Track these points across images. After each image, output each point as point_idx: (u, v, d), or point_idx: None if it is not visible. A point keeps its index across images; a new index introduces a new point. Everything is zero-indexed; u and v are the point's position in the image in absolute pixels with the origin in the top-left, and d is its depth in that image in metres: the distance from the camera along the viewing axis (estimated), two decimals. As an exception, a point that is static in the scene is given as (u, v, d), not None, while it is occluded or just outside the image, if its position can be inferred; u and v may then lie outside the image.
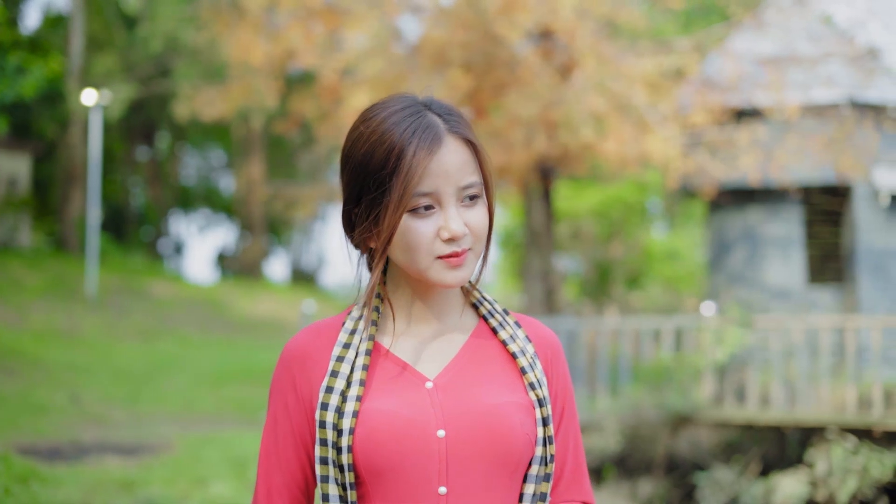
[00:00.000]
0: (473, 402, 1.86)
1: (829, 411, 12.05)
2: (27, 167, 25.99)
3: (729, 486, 11.85)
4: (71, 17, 26.08)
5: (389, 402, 1.84)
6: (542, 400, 1.91)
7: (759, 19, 14.36)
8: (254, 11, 13.74)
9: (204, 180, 41.69)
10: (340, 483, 1.84)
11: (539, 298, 14.82)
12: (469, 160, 1.87)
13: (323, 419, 1.84)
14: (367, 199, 1.85)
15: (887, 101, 14.72)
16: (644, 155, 13.44)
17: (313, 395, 1.89)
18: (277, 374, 1.95)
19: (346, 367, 1.87)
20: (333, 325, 1.96)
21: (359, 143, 1.87)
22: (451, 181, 1.84)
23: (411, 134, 1.83)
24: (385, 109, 1.88)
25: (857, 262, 14.99)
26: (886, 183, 14.71)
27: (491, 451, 1.84)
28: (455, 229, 1.83)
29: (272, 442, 1.94)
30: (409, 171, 1.80)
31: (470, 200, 1.87)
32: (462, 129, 1.89)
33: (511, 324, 1.99)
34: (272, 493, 1.93)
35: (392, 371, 1.89)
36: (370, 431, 1.81)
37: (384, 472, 1.81)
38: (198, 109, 15.18)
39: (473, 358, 1.93)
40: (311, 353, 1.92)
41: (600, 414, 12.36)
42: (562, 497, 1.98)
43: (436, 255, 1.84)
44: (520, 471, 1.88)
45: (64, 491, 7.30)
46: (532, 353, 1.96)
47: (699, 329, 12.90)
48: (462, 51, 13.07)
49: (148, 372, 15.03)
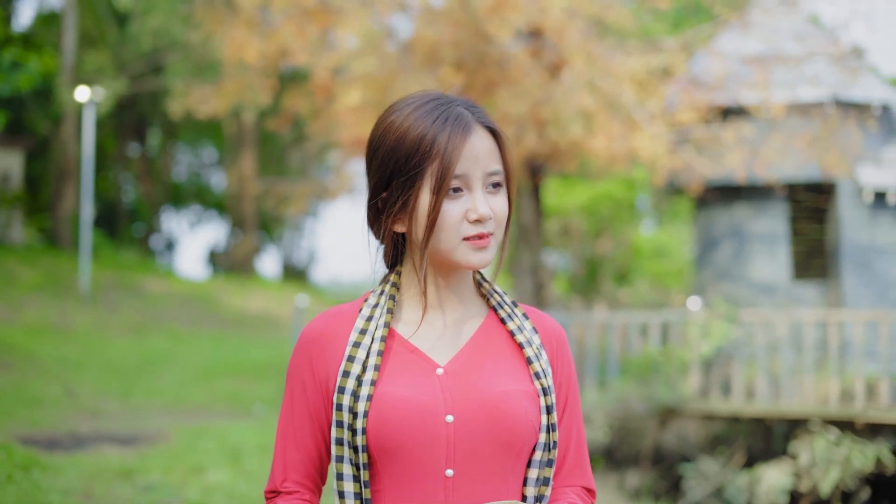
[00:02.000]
0: (481, 389, 1.94)
1: (812, 404, 12.28)
2: (20, 163, 26.06)
3: (714, 477, 12.06)
4: (63, 14, 26.16)
5: (402, 387, 1.92)
6: (547, 389, 1.99)
7: (745, 19, 14.56)
8: (248, 10, 13.89)
9: (195, 177, 41.75)
10: (354, 463, 1.92)
11: (528, 294, 15.00)
12: (494, 149, 1.98)
13: (339, 402, 1.93)
14: (399, 182, 1.94)
15: (871, 99, 14.95)
16: (632, 152, 13.62)
17: (329, 376, 1.98)
18: (295, 356, 2.04)
19: (362, 353, 1.96)
20: (350, 311, 2.05)
21: (390, 131, 1.96)
22: (480, 166, 1.94)
23: (444, 121, 1.94)
24: (413, 102, 1.99)
25: (842, 258, 15.21)
26: (870, 180, 14.94)
27: (496, 436, 1.92)
28: (483, 211, 1.93)
29: (289, 420, 2.03)
30: (446, 153, 1.91)
31: (493, 188, 1.97)
32: (488, 120, 2.00)
33: (519, 315, 2.08)
34: (287, 468, 2.02)
35: (405, 357, 1.98)
36: (382, 414, 1.89)
37: (394, 453, 1.90)
38: (192, 106, 15.32)
39: (483, 347, 2.02)
40: (328, 336, 2.01)
41: (588, 407, 12.56)
42: (564, 482, 2.07)
43: (462, 237, 1.93)
44: (524, 456, 1.97)
45: (65, 478, 7.45)
46: (538, 343, 2.05)
47: (685, 323, 13.11)
48: (453, 49, 13.23)
49: (141, 366, 15.16)
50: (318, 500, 2.05)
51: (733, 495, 11.92)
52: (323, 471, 2.04)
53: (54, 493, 6.86)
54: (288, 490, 2.01)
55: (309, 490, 2.02)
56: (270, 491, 2.03)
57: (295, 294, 21.40)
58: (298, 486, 2.01)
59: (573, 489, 2.06)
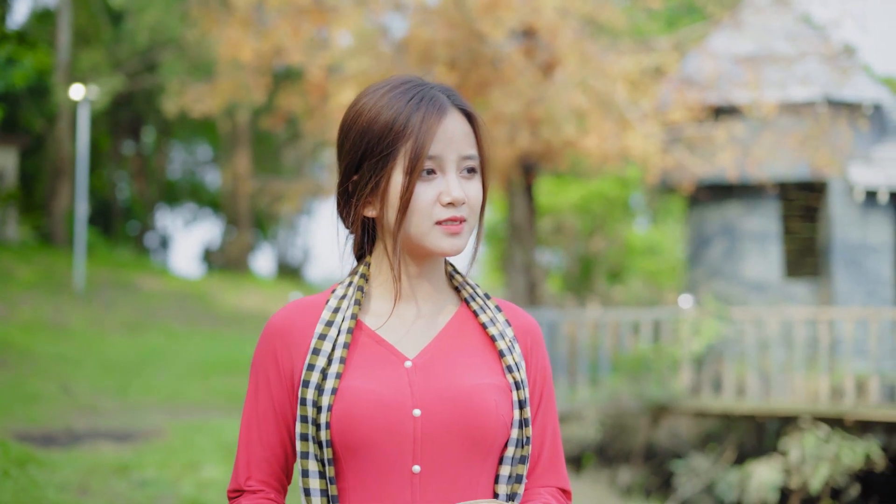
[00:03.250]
0: (450, 383, 1.88)
1: (802, 401, 12.37)
2: (14, 161, 26.07)
3: (705, 474, 12.15)
4: (58, 12, 26.19)
5: (368, 380, 1.86)
6: (519, 383, 1.92)
7: (738, 19, 14.66)
8: (242, 9, 13.96)
9: (190, 175, 41.78)
10: (320, 459, 1.86)
11: (521, 291, 15.08)
12: (470, 133, 1.92)
13: (304, 396, 1.86)
14: (370, 164, 1.88)
15: (862, 99, 15.04)
16: (624, 151, 13.71)
17: (294, 370, 1.91)
18: (260, 349, 1.96)
19: (327, 345, 1.89)
20: (317, 303, 1.98)
21: (362, 112, 1.90)
22: (454, 148, 1.88)
23: (418, 102, 1.88)
24: (388, 84, 1.93)
25: (833, 257, 15.30)
26: (861, 179, 15.03)
27: (465, 431, 1.85)
28: (456, 194, 1.86)
29: (253, 416, 1.95)
30: (420, 134, 1.85)
31: (468, 173, 1.91)
32: (464, 103, 1.94)
33: (491, 308, 2.01)
34: (251, 466, 1.93)
35: (373, 350, 1.91)
36: (347, 409, 1.83)
37: (359, 449, 1.83)
38: (186, 105, 15.39)
39: (453, 339, 1.95)
40: (293, 328, 1.94)
41: (580, 404, 12.64)
42: (538, 482, 1.99)
43: (435, 220, 1.87)
44: (494, 452, 1.89)
45: (61, 474, 7.51)
46: (511, 336, 1.98)
47: (677, 321, 13.19)
48: (447, 48, 13.31)
49: (136, 363, 15.22)
50: (283, 499, 1.98)
51: (724, 492, 12.02)
52: (288, 468, 1.97)
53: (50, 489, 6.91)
54: (252, 489, 1.93)
55: (274, 489, 1.95)
56: (234, 490, 1.95)
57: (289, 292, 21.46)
58: (263, 485, 1.93)
59: (548, 489, 1.99)
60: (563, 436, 12.30)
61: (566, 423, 12.41)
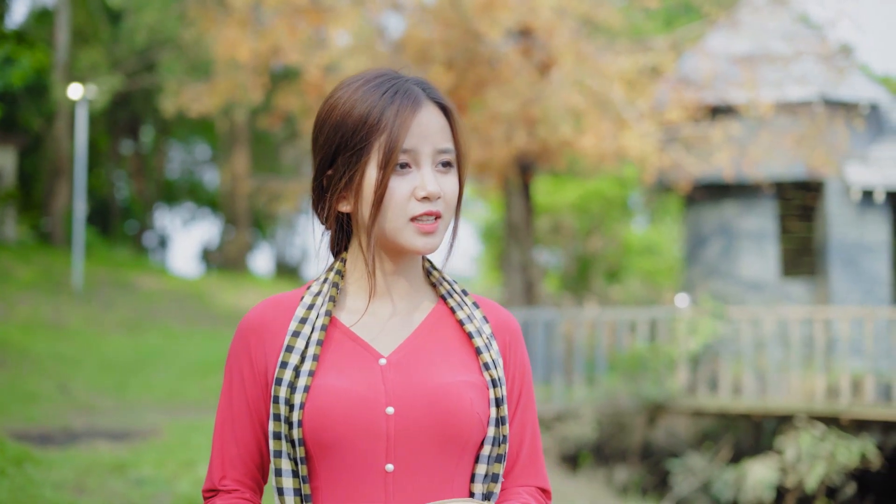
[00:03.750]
0: (424, 381, 1.85)
1: (798, 400, 12.41)
2: (13, 160, 26.10)
3: (701, 473, 12.18)
4: (56, 11, 26.22)
5: (341, 378, 1.83)
6: (497, 381, 1.89)
7: (734, 19, 14.69)
8: (240, 9, 13.99)
9: (188, 174, 41.82)
10: (293, 458, 1.83)
11: (518, 291, 15.11)
12: (445, 127, 1.88)
13: (276, 394, 1.83)
14: (344, 158, 1.85)
15: (859, 98, 15.07)
16: (621, 151, 13.75)
17: (268, 367, 1.88)
18: (234, 346, 1.93)
19: (301, 343, 1.86)
20: (292, 299, 1.95)
21: (337, 106, 1.87)
22: (429, 141, 1.85)
23: (392, 94, 1.84)
24: (362, 78, 1.90)
25: (830, 256, 15.33)
26: (858, 178, 15.06)
27: (439, 429, 1.82)
28: (431, 189, 1.83)
29: (227, 414, 1.92)
30: (394, 127, 1.82)
31: (444, 167, 1.87)
32: (440, 96, 1.90)
33: (469, 304, 1.97)
34: (226, 465, 1.90)
35: (347, 347, 1.88)
36: (319, 407, 1.80)
37: (332, 447, 1.81)
38: (184, 104, 15.42)
39: (430, 336, 1.92)
40: (267, 325, 1.91)
41: (577, 403, 12.67)
42: (517, 482, 1.96)
43: (409, 216, 1.84)
44: (469, 450, 1.86)
45: (57, 473, 7.54)
46: (489, 333, 1.94)
47: (673, 320, 13.22)
48: (444, 48, 13.35)
49: (134, 363, 15.25)
50: (259, 499, 1.94)
51: (720, 490, 12.05)
52: (264, 468, 1.93)
53: (46, 487, 6.94)
54: (227, 488, 1.89)
55: (249, 488, 1.91)
56: (208, 490, 1.91)
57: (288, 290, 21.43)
58: (238, 485, 1.90)
59: (527, 489, 1.96)
60: (560, 434, 12.33)
61: (563, 422, 12.44)
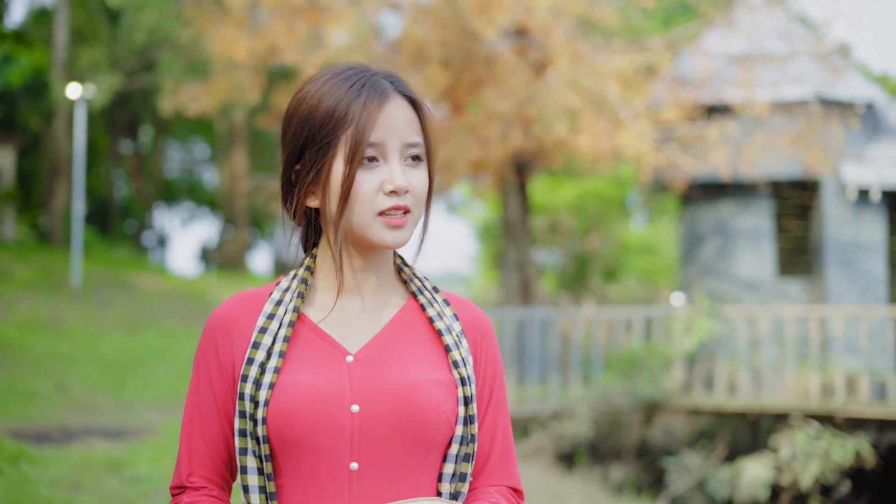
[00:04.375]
0: (391, 378, 1.83)
1: (793, 398, 12.45)
2: (12, 160, 26.14)
3: (696, 471, 12.22)
4: (55, 11, 26.26)
5: (307, 375, 1.81)
6: (466, 379, 1.87)
7: (731, 18, 14.73)
8: (237, 9, 14.03)
9: (187, 173, 41.85)
10: (258, 455, 1.81)
11: (515, 289, 15.15)
12: (414, 120, 1.86)
13: (242, 391, 1.81)
14: (312, 152, 1.83)
15: (855, 97, 15.11)
16: (616, 150, 13.79)
17: (235, 363, 1.86)
18: (202, 342, 1.92)
19: (268, 339, 1.84)
20: (261, 295, 1.93)
21: (304, 100, 1.86)
22: (397, 135, 1.83)
23: (359, 88, 1.83)
24: (331, 72, 1.89)
25: (826, 255, 15.37)
26: (854, 178, 15.09)
27: (404, 427, 1.80)
28: (399, 182, 1.80)
29: (195, 410, 1.90)
30: (360, 120, 1.80)
31: (413, 161, 1.85)
32: (407, 89, 1.88)
33: (439, 301, 1.95)
34: (193, 462, 1.88)
35: (314, 344, 1.86)
36: (284, 404, 1.78)
37: (296, 445, 1.79)
38: (182, 104, 15.46)
39: (398, 334, 1.90)
40: (235, 321, 1.90)
41: (573, 401, 12.71)
42: (489, 481, 1.94)
43: (377, 210, 1.81)
44: (436, 449, 1.84)
45: (53, 471, 7.58)
46: (459, 331, 1.92)
47: (669, 319, 13.27)
48: (440, 48, 13.39)
49: (132, 362, 15.27)
50: (227, 495, 1.91)
51: (715, 489, 12.09)
52: (232, 464, 1.91)
53: (42, 485, 6.98)
54: (194, 485, 1.88)
55: (217, 485, 1.89)
56: (175, 487, 1.90)
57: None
58: (206, 481, 1.88)
59: (498, 489, 1.93)
60: (556, 433, 12.36)
61: (559, 421, 12.48)
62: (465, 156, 13.77)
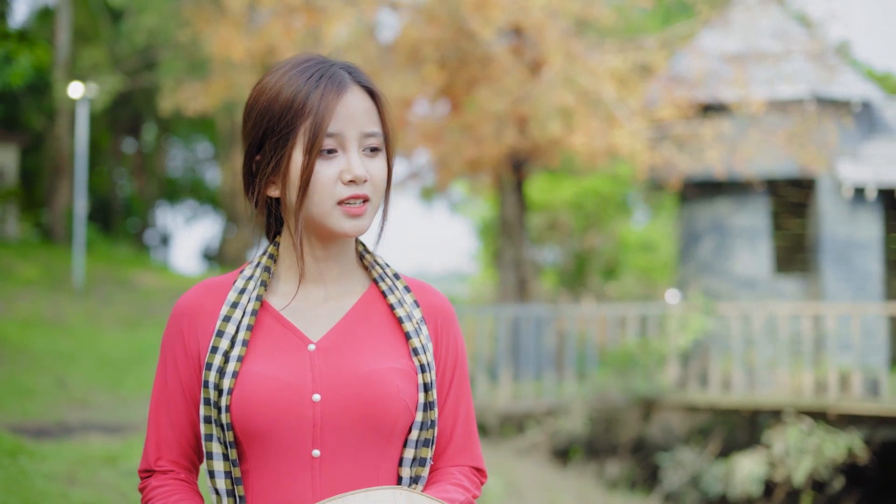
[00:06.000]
0: (351, 367, 1.86)
1: (787, 395, 12.53)
2: (14, 158, 26.26)
3: (690, 467, 12.30)
4: (58, 10, 26.37)
5: (269, 364, 1.85)
6: (425, 366, 1.90)
7: (726, 17, 14.80)
8: (235, 9, 14.12)
9: (190, 172, 41.94)
10: (223, 441, 1.84)
11: (512, 287, 15.24)
12: (372, 110, 1.89)
13: (206, 379, 1.84)
14: (272, 143, 1.86)
15: (850, 96, 15.17)
16: (611, 148, 13.86)
17: (201, 351, 1.89)
18: (168, 330, 1.94)
19: (231, 327, 1.87)
20: (225, 283, 1.96)
21: (264, 91, 1.88)
22: (355, 125, 1.85)
23: (318, 79, 1.85)
24: (290, 63, 1.90)
25: (822, 253, 15.43)
26: (849, 176, 15.15)
27: (364, 416, 1.84)
28: (358, 172, 1.83)
29: (162, 396, 1.93)
30: (319, 111, 1.82)
31: (371, 152, 1.88)
32: (366, 80, 1.91)
33: (400, 288, 1.98)
34: (161, 447, 1.92)
35: (277, 332, 1.89)
36: (246, 393, 1.82)
37: (258, 433, 1.82)
38: (181, 103, 15.56)
39: (359, 322, 1.93)
40: (201, 309, 1.93)
41: (568, 398, 12.80)
42: (452, 461, 1.99)
43: (337, 200, 1.84)
44: (396, 436, 1.88)
45: (50, 464, 7.68)
46: (419, 318, 1.95)
47: (664, 316, 13.35)
48: (436, 48, 13.47)
49: (131, 358, 15.37)
50: (195, 478, 1.96)
51: (709, 484, 12.17)
52: (199, 449, 1.94)
53: (39, 478, 7.08)
54: (163, 469, 1.92)
55: (185, 469, 1.94)
56: (144, 470, 1.94)
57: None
58: (173, 465, 1.92)
59: (460, 468, 1.99)
60: (551, 429, 12.45)
61: (554, 416, 12.57)
62: (460, 154, 13.87)
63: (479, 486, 2.01)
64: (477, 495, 1.98)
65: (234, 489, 1.86)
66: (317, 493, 1.84)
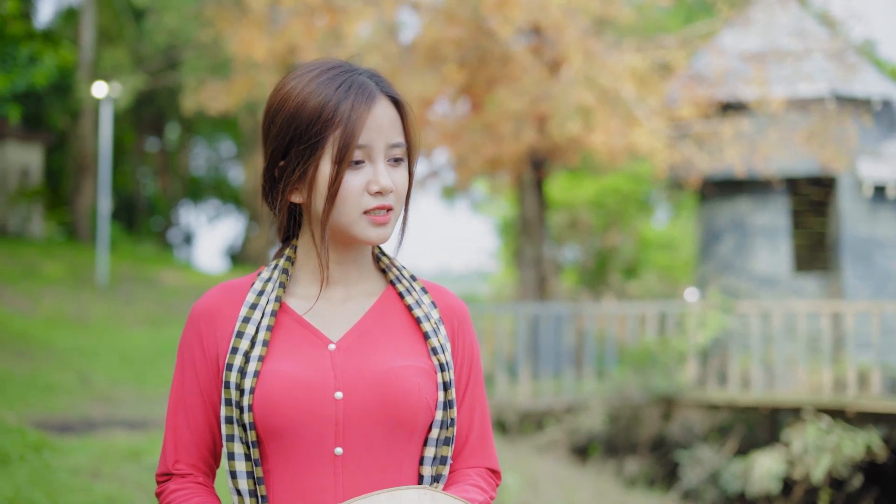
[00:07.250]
0: (373, 365, 1.88)
1: (805, 393, 12.54)
2: (39, 158, 26.49)
3: (709, 464, 12.33)
4: (82, 11, 26.58)
5: (290, 363, 1.86)
6: (444, 365, 1.92)
7: (746, 16, 14.81)
8: (256, 9, 14.23)
9: (213, 171, 42.11)
10: (245, 442, 1.85)
11: (532, 285, 15.29)
12: (397, 120, 1.90)
13: (227, 379, 1.85)
14: (298, 150, 1.86)
15: (871, 94, 15.14)
16: (631, 147, 13.89)
17: (220, 353, 1.91)
18: (186, 332, 1.95)
19: (251, 328, 1.89)
20: (243, 285, 1.97)
21: (290, 97, 1.87)
22: (383, 137, 1.86)
23: (347, 89, 1.85)
24: (314, 68, 1.90)
25: (842, 251, 15.41)
26: (870, 174, 15.13)
27: (386, 413, 1.85)
28: (385, 183, 1.85)
29: (180, 399, 1.94)
30: (350, 122, 1.83)
31: (395, 162, 1.89)
32: (392, 90, 1.92)
33: (417, 290, 2.00)
34: (179, 450, 1.93)
35: (297, 333, 1.91)
36: (268, 392, 1.83)
37: (281, 431, 1.83)
38: (203, 103, 15.68)
39: (378, 322, 1.95)
40: (219, 311, 1.93)
41: (587, 395, 12.84)
42: (467, 463, 2.00)
43: (363, 210, 1.86)
44: (417, 433, 1.89)
45: (74, 459, 7.80)
46: (437, 318, 1.97)
47: (683, 314, 13.38)
48: (456, 47, 13.54)
49: (154, 356, 15.50)
50: (212, 482, 1.97)
51: (728, 482, 12.20)
52: (217, 452, 1.96)
53: (63, 473, 7.20)
54: (180, 472, 1.93)
55: (202, 472, 1.95)
56: (162, 474, 1.95)
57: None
58: (191, 469, 1.93)
59: (476, 470, 2.00)
60: (570, 426, 12.51)
61: (573, 414, 12.63)
62: (480, 153, 13.93)
63: (495, 488, 2.03)
64: (493, 496, 2.00)
65: (257, 489, 1.87)
66: (339, 491, 1.85)
